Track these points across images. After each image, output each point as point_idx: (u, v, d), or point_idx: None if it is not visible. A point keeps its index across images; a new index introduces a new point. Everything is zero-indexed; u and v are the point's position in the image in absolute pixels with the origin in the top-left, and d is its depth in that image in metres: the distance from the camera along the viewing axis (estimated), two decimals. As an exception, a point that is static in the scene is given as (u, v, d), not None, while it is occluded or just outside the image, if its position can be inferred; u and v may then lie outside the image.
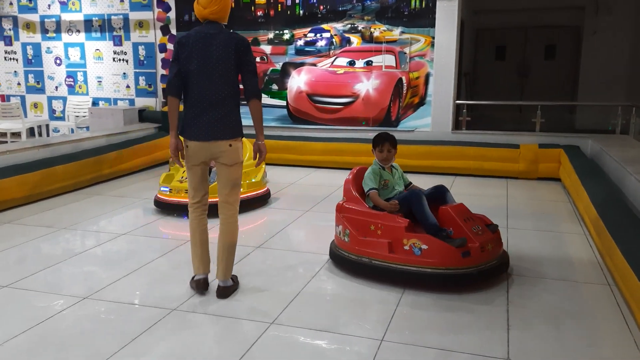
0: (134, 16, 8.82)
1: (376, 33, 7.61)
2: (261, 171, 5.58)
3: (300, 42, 7.98)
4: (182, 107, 3.28)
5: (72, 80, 9.39)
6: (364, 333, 2.92)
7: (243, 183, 4.28)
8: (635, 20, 9.90)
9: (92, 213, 5.31)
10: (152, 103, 8.97)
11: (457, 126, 7.60)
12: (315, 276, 3.71)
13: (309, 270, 3.82)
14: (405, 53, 7.52)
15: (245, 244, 4.20)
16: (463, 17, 7.92)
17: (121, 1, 8.83)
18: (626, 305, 3.22)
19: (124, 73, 9.07)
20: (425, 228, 3.53)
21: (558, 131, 7.30)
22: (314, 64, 7.94)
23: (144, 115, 8.60)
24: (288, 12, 7.98)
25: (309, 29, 7.91)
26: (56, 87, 9.52)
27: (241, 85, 3.32)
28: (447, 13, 7.25)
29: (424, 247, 3.41)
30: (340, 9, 7.75)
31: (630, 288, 3.10)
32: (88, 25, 9.09)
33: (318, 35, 7.88)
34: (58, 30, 9.28)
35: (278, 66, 8.10)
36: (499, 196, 6.02)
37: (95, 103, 9.31)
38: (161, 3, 8.29)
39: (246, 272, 3.74)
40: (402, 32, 7.49)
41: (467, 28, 10.36)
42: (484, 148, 7.00)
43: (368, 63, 7.69)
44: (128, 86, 9.09)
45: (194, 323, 3.05)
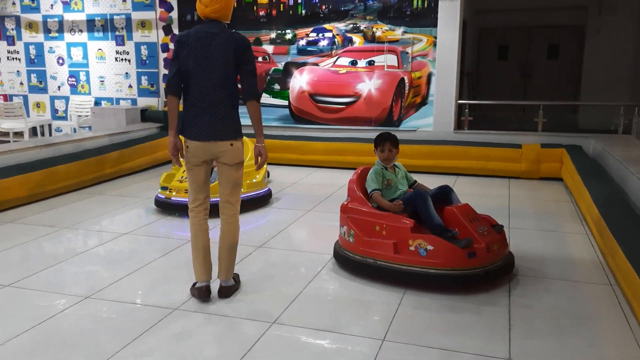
0: (137, 16, 8.83)
1: (378, 33, 7.61)
2: (262, 171, 5.57)
3: (302, 42, 7.97)
4: (182, 107, 3.24)
5: (75, 79, 9.40)
6: (366, 333, 2.92)
7: (243, 183, 4.27)
8: (638, 20, 9.88)
9: (94, 212, 5.32)
10: (155, 103, 8.98)
11: (459, 126, 7.59)
12: (317, 276, 3.71)
13: (311, 270, 3.82)
14: (407, 53, 7.51)
15: (246, 244, 4.20)
16: (465, 17, 7.92)
17: (123, 1, 8.84)
18: (628, 305, 3.21)
19: (127, 73, 9.08)
20: (430, 229, 3.51)
21: (560, 131, 7.29)
22: (316, 64, 7.94)
23: (146, 115, 8.61)
24: (290, 12, 7.98)
25: (311, 29, 7.91)
26: (59, 87, 9.54)
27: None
28: (450, 13, 7.24)
29: (430, 248, 3.39)
30: (342, 9, 7.74)
31: (632, 288, 3.09)
32: (90, 25, 9.11)
33: (320, 35, 7.88)
34: (61, 30, 9.30)
35: (280, 66, 8.11)
36: (501, 196, 6.01)
37: (97, 103, 9.32)
38: (163, 3, 8.30)
39: (248, 272, 3.74)
40: (405, 32, 7.49)
41: (470, 28, 10.35)
42: (486, 148, 6.99)
43: (370, 63, 7.68)
44: (130, 86, 9.10)
45: (196, 323, 3.05)
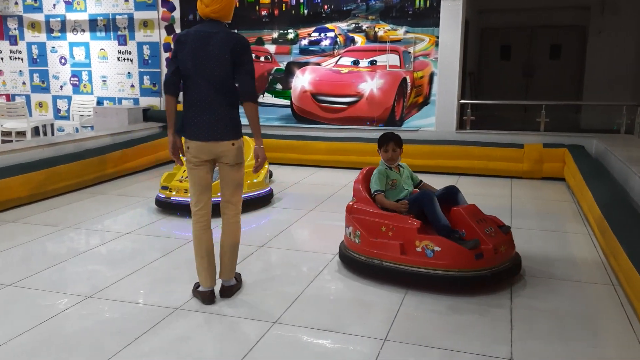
0: (139, 16, 8.84)
1: (380, 32, 7.60)
2: (263, 171, 5.56)
3: (304, 42, 7.97)
4: (181, 106, 3.21)
5: (77, 79, 9.42)
6: (367, 333, 2.92)
7: (244, 183, 4.26)
8: (640, 19, 9.85)
9: (96, 212, 5.33)
10: (157, 102, 8.99)
11: (462, 126, 7.58)
12: (318, 276, 3.71)
13: (313, 269, 3.82)
14: (409, 52, 7.51)
15: (248, 244, 4.19)
16: (467, 17, 7.90)
17: (126, 1, 8.85)
18: (630, 305, 3.20)
19: (129, 72, 9.09)
20: (437, 229, 3.49)
21: (563, 131, 7.28)
22: (318, 64, 7.94)
23: (149, 114, 8.61)
24: (292, 12, 7.98)
25: (313, 29, 7.91)
26: (61, 87, 9.55)
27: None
28: (452, 12, 7.23)
29: (437, 249, 3.37)
30: (344, 9, 7.74)
31: (634, 288, 3.09)
32: (93, 24, 9.12)
33: (322, 34, 7.88)
34: (63, 29, 9.31)
35: (282, 65, 8.11)
36: (503, 196, 6.01)
37: (99, 102, 9.34)
38: (166, 2, 8.30)
39: (249, 272, 3.74)
40: (407, 32, 7.48)
41: (472, 27, 10.32)
42: (488, 148, 6.98)
43: (372, 62, 7.68)
44: (132, 85, 9.11)
45: (197, 323, 3.05)
